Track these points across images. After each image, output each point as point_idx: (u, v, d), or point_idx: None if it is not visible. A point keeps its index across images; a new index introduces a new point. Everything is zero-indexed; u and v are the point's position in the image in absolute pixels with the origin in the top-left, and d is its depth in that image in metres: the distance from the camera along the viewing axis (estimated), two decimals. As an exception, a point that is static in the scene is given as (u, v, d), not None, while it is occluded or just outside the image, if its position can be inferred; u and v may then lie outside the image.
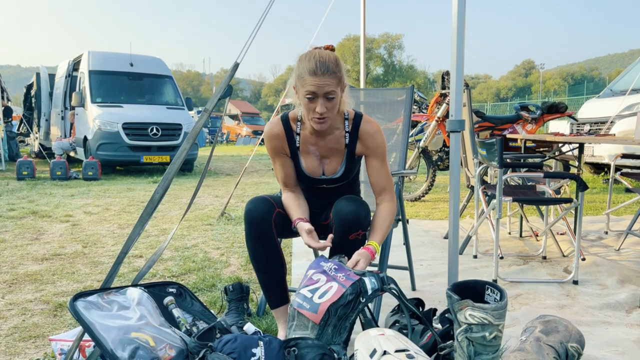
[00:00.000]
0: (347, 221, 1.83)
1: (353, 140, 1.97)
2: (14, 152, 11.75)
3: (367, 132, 1.96)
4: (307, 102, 1.82)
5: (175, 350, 1.67)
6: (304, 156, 2.01)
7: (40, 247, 3.65)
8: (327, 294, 1.67)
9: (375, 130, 1.97)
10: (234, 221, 4.67)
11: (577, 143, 3.69)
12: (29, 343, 2.05)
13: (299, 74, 1.81)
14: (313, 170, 2.01)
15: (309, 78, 1.78)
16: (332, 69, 1.79)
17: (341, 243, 1.87)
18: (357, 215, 1.83)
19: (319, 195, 2.08)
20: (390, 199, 1.99)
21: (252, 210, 1.90)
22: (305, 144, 1.99)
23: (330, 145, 1.98)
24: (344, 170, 2.00)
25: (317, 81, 1.78)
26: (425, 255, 3.44)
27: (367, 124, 1.97)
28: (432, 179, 5.90)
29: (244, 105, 35.73)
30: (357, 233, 1.84)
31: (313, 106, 1.82)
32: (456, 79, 2.01)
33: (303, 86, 1.80)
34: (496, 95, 57.33)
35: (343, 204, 1.87)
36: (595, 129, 6.96)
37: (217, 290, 2.67)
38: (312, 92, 1.79)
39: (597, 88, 23.97)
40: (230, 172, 10.06)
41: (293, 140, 1.99)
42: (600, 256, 3.31)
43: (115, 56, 10.26)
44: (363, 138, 1.96)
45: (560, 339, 1.78)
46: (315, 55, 1.81)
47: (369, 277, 1.71)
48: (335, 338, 1.65)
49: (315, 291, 1.69)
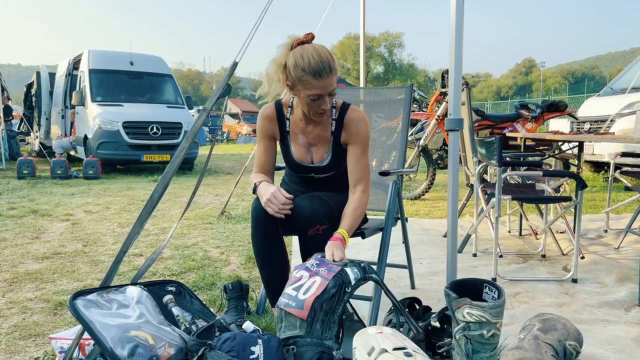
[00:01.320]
0: (301, 218, 1.85)
1: (339, 128, 1.98)
2: (15, 151, 11.76)
3: (352, 120, 1.97)
4: (311, 102, 1.82)
5: (174, 349, 1.68)
6: (293, 142, 2.03)
7: (40, 246, 3.66)
8: (311, 289, 1.67)
9: (360, 118, 1.97)
10: (234, 220, 4.68)
11: (576, 141, 3.69)
12: (29, 341, 2.05)
13: (299, 76, 1.79)
14: (302, 157, 2.03)
15: (314, 81, 1.77)
16: (333, 66, 1.79)
17: (304, 241, 1.88)
18: (310, 210, 1.83)
19: (309, 186, 2.08)
20: (363, 190, 1.97)
21: (259, 208, 1.90)
22: (295, 130, 2.02)
23: (317, 132, 2.00)
24: (330, 158, 2.00)
25: (322, 83, 1.78)
26: (425, 254, 3.44)
27: (352, 112, 1.98)
28: (432, 177, 5.91)
29: (244, 104, 35.74)
30: (316, 228, 1.84)
31: (318, 104, 1.83)
32: (454, 77, 2.01)
33: (307, 89, 1.79)
34: (497, 94, 57.27)
35: (297, 201, 1.89)
36: (595, 127, 6.96)
37: (217, 289, 2.67)
38: (318, 95, 1.79)
39: (597, 86, 23.93)
40: (230, 171, 10.07)
41: (284, 124, 2.02)
42: (600, 254, 3.31)
43: (115, 55, 10.26)
44: (347, 125, 1.97)
45: (559, 337, 1.78)
46: (311, 54, 1.78)
47: (351, 268, 1.71)
48: (326, 333, 1.66)
49: (299, 288, 1.70)
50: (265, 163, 2.06)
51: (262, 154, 2.06)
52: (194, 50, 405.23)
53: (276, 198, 1.84)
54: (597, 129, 6.87)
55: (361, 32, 4.73)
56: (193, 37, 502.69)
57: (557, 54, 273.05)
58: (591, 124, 7.07)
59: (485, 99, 48.39)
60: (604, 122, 6.74)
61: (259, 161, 2.07)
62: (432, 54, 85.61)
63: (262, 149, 2.06)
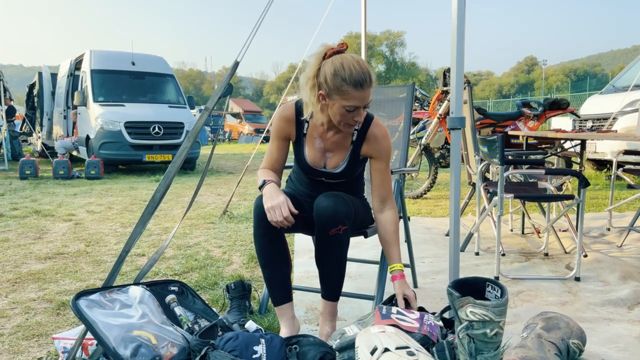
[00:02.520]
0: (324, 216, 1.82)
1: (360, 139, 1.97)
2: (17, 152, 11.78)
3: (375, 135, 1.97)
4: (345, 113, 1.81)
5: (177, 348, 1.68)
6: (308, 145, 2.02)
7: (43, 246, 3.66)
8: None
9: (383, 134, 1.98)
10: (236, 219, 4.68)
11: (579, 139, 3.68)
12: (32, 342, 2.06)
13: (338, 85, 1.75)
14: (315, 161, 2.01)
15: (353, 92, 1.75)
16: (372, 78, 1.79)
17: (323, 239, 1.86)
18: (334, 210, 1.81)
19: (317, 189, 2.07)
20: (393, 206, 2.01)
21: (261, 207, 1.90)
22: (313, 133, 2.00)
23: (336, 140, 1.99)
24: (345, 166, 2.00)
25: (362, 94, 1.77)
26: (427, 253, 3.44)
27: (376, 127, 1.98)
28: (434, 176, 5.90)
29: (246, 103, 35.72)
30: (337, 228, 1.83)
31: (352, 116, 1.82)
32: (456, 76, 2.00)
33: (345, 100, 1.77)
34: (498, 92, 57.19)
35: (321, 199, 1.86)
36: (598, 125, 6.94)
37: (219, 289, 2.67)
38: (355, 106, 1.78)
39: (599, 84, 23.88)
40: (232, 171, 10.08)
41: (302, 126, 2.00)
42: (603, 253, 3.30)
43: (117, 55, 10.28)
44: (370, 140, 1.97)
45: (562, 336, 1.78)
46: (352, 64, 1.76)
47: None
48: None
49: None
50: (276, 162, 2.06)
51: (274, 152, 2.05)
52: (196, 50, 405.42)
53: (281, 209, 1.80)
54: (600, 127, 6.85)
55: (362, 31, 4.72)
56: (194, 37, 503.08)
57: (559, 51, 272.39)
58: (593, 122, 7.06)
59: (487, 97, 48.35)
60: (607, 120, 6.72)
61: (270, 159, 2.06)
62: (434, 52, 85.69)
63: (275, 147, 2.05)
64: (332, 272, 1.92)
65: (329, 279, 1.94)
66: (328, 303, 1.97)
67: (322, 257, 1.91)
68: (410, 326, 1.71)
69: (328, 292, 1.95)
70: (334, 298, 1.96)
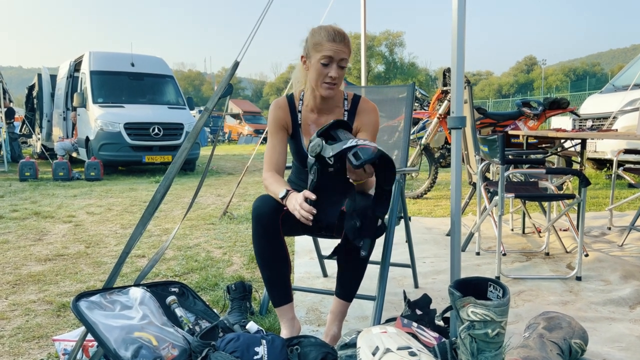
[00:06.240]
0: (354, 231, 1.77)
1: (351, 117, 2.04)
2: (17, 153, 11.77)
3: (364, 109, 2.04)
4: (320, 68, 1.89)
5: (178, 350, 1.67)
6: (305, 134, 2.05)
7: (43, 248, 3.66)
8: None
9: (371, 108, 2.06)
10: (236, 220, 4.67)
11: (579, 139, 3.68)
12: (32, 343, 2.05)
13: (316, 41, 1.89)
14: None
15: (327, 44, 1.87)
16: (347, 39, 1.92)
17: (349, 245, 1.82)
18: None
19: None
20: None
21: (260, 208, 1.89)
22: (307, 121, 2.04)
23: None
24: None
25: (335, 46, 1.87)
26: (428, 253, 3.43)
27: (365, 102, 2.06)
28: (434, 176, 5.90)
29: (245, 104, 35.69)
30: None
31: (327, 71, 1.89)
32: (457, 75, 2.00)
33: (319, 52, 1.88)
34: (498, 92, 57.18)
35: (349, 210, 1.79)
36: (598, 124, 6.94)
37: (220, 290, 2.67)
38: (329, 57, 1.87)
39: (599, 83, 23.89)
40: (232, 171, 10.07)
41: (296, 116, 2.05)
42: (604, 252, 3.30)
43: (116, 56, 10.27)
44: (360, 113, 2.04)
45: (564, 335, 1.77)
46: (331, 26, 1.93)
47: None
48: None
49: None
50: (278, 160, 2.04)
51: (276, 146, 2.04)
52: (195, 51, 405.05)
53: (301, 206, 1.73)
54: (600, 126, 6.85)
55: (362, 31, 4.72)
56: (194, 38, 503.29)
57: (558, 51, 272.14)
58: (593, 121, 7.06)
59: (486, 97, 48.36)
60: (607, 119, 6.72)
61: (272, 159, 2.04)
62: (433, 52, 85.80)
63: (276, 141, 2.04)
64: (354, 273, 1.93)
65: (349, 279, 1.94)
66: (341, 302, 1.97)
67: (347, 257, 1.90)
68: (428, 341, 1.71)
69: (344, 292, 1.96)
70: (349, 298, 1.97)
